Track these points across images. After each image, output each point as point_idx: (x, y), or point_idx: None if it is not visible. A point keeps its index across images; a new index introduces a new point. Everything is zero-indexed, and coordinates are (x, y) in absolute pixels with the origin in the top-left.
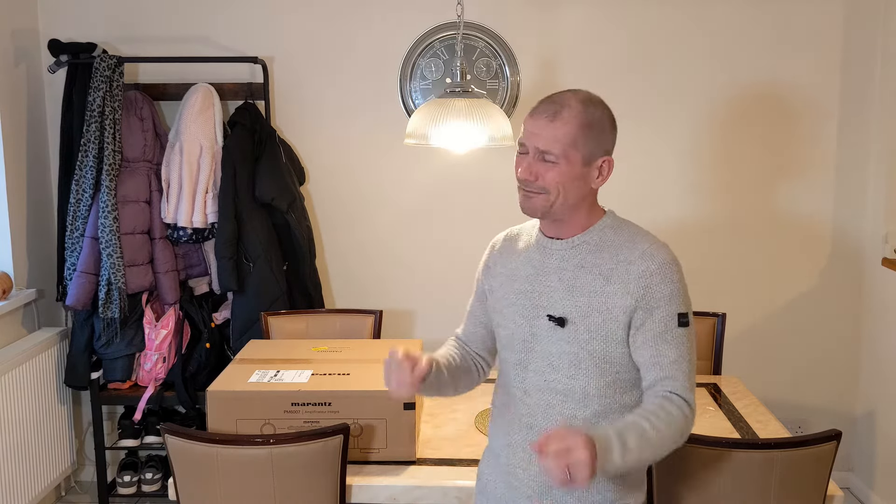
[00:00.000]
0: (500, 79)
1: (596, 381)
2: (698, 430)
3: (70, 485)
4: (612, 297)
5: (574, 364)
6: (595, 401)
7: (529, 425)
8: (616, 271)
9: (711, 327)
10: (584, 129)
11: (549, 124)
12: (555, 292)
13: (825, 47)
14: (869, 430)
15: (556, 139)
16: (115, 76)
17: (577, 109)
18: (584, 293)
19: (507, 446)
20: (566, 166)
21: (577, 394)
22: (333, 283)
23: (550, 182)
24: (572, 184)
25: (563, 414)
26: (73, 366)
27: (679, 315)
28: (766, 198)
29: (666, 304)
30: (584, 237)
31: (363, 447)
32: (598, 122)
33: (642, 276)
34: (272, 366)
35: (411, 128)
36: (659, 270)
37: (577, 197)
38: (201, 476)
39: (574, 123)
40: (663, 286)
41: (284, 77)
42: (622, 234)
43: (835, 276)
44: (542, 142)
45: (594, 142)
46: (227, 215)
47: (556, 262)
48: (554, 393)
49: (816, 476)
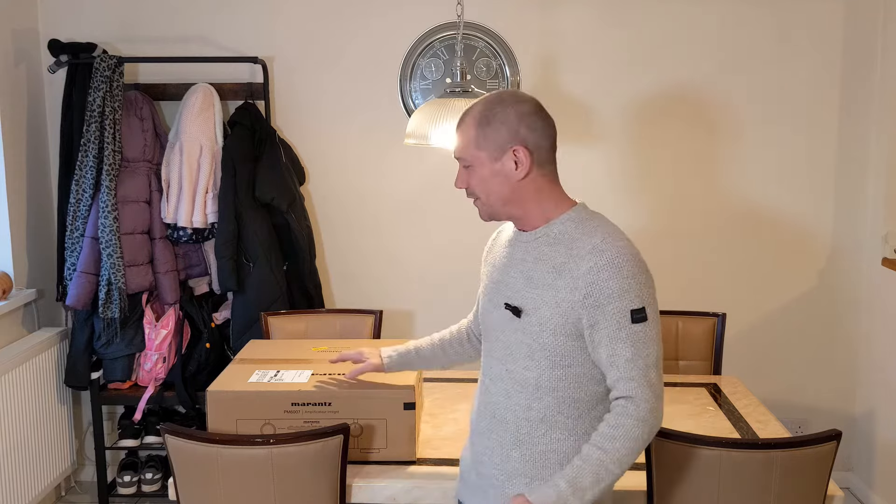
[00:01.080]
0: (500, 79)
1: (548, 373)
2: (698, 430)
3: (70, 485)
4: (560, 292)
5: (528, 355)
6: (547, 393)
7: (493, 413)
8: (567, 266)
9: (711, 327)
10: (481, 128)
11: (457, 133)
12: (515, 283)
13: (825, 47)
14: (869, 430)
15: (463, 145)
16: (115, 76)
17: (475, 112)
18: (538, 286)
19: (477, 433)
20: (478, 167)
21: (530, 385)
22: (333, 283)
23: (475, 186)
24: (492, 181)
25: (520, 404)
26: (73, 366)
27: (633, 311)
28: (767, 198)
29: (616, 300)
30: (546, 230)
31: (363, 447)
32: (497, 115)
33: (589, 271)
34: (272, 366)
35: (411, 128)
36: (607, 266)
37: (508, 192)
38: (201, 476)
39: (472, 125)
40: (611, 282)
41: (284, 77)
42: (583, 227)
43: (835, 276)
44: (456, 152)
45: (494, 135)
46: (227, 215)
47: (520, 254)
48: (513, 382)
49: (816, 476)
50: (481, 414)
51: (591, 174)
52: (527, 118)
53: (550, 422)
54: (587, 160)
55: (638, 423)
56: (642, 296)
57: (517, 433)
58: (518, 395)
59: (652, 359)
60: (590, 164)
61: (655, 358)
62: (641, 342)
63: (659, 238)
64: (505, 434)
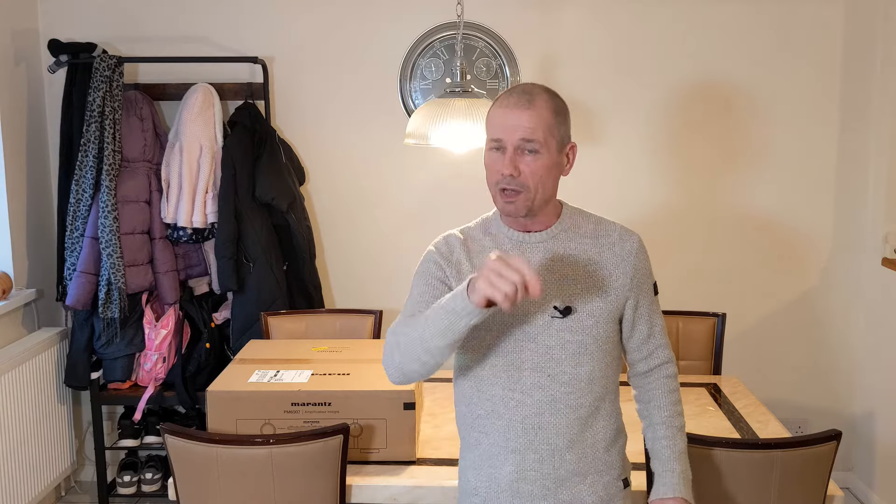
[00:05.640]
0: (500, 79)
1: (600, 363)
2: (698, 430)
3: (70, 485)
4: (607, 280)
5: (579, 352)
6: (598, 384)
7: (536, 425)
8: (602, 255)
9: (711, 327)
10: (556, 115)
11: (527, 112)
12: (548, 285)
13: (825, 47)
14: (869, 430)
15: (537, 126)
16: (115, 76)
17: (545, 97)
18: (577, 280)
19: (511, 452)
20: (547, 154)
21: (582, 381)
22: (333, 283)
23: (530, 175)
24: (549, 173)
25: (568, 404)
26: (73, 366)
27: (654, 284)
28: (767, 197)
29: (648, 277)
30: (560, 226)
31: (363, 447)
32: (563, 108)
33: (629, 255)
34: (272, 366)
35: (411, 128)
36: (640, 248)
37: (553, 187)
38: (201, 476)
39: (548, 109)
40: (645, 262)
41: (284, 77)
42: (588, 219)
43: (835, 276)
44: (524, 131)
45: (564, 127)
46: (227, 215)
47: (540, 254)
48: (559, 385)
49: (816, 476)
50: (517, 431)
51: (592, 174)
52: (570, 118)
53: (597, 412)
54: (587, 160)
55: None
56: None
57: (569, 435)
58: (567, 396)
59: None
60: (590, 164)
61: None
62: (659, 311)
63: (659, 237)
64: (557, 439)
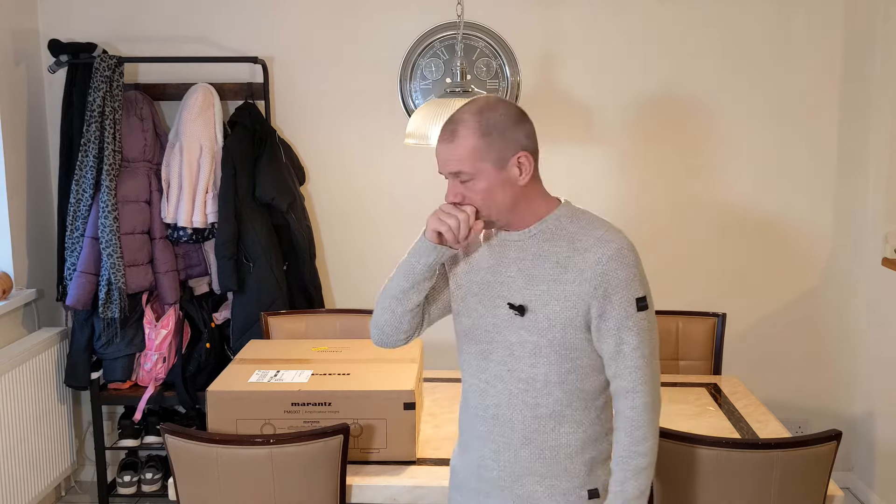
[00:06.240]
0: (500, 79)
1: (557, 368)
2: (699, 431)
3: (70, 485)
4: (569, 285)
5: (534, 353)
6: (557, 388)
7: (495, 416)
8: (572, 259)
9: (711, 327)
10: (483, 138)
11: (450, 146)
12: (514, 282)
13: (825, 47)
14: (869, 430)
15: (462, 158)
16: (115, 76)
17: (471, 122)
18: (542, 282)
19: (476, 438)
20: (483, 177)
21: (538, 382)
22: (333, 283)
23: (476, 200)
24: (497, 191)
25: (526, 402)
26: (73, 366)
27: (637, 299)
28: (767, 197)
29: (624, 290)
30: (540, 226)
31: (363, 447)
32: (497, 124)
33: (598, 262)
34: (272, 366)
35: (411, 128)
36: (615, 256)
37: (511, 199)
38: (201, 476)
39: (472, 136)
40: (620, 271)
41: (284, 77)
42: (578, 222)
43: (835, 276)
44: (451, 164)
45: (499, 144)
46: (227, 215)
47: (515, 252)
48: (516, 381)
49: (816, 476)
50: (478, 418)
51: (592, 174)
52: (520, 123)
53: (559, 416)
54: (587, 160)
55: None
56: (644, 284)
57: (525, 431)
58: (523, 393)
59: (655, 345)
60: (590, 165)
61: (657, 345)
62: (645, 330)
63: (659, 237)
64: (512, 434)
